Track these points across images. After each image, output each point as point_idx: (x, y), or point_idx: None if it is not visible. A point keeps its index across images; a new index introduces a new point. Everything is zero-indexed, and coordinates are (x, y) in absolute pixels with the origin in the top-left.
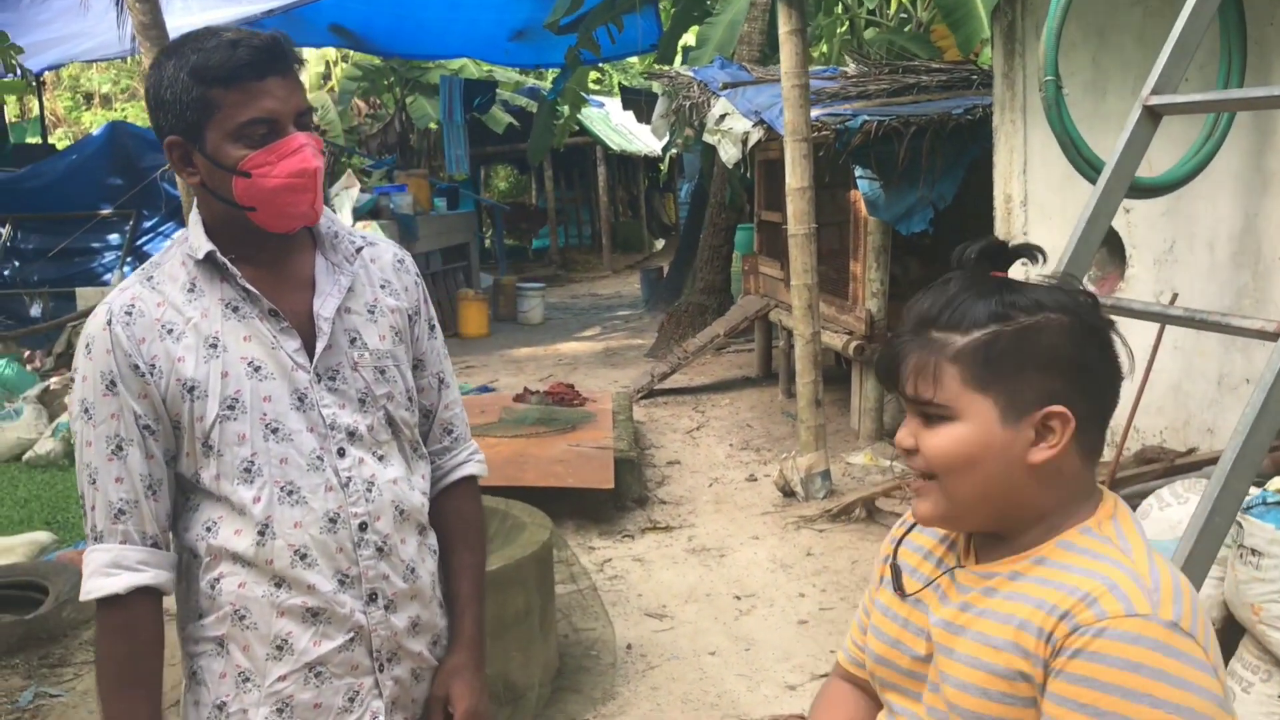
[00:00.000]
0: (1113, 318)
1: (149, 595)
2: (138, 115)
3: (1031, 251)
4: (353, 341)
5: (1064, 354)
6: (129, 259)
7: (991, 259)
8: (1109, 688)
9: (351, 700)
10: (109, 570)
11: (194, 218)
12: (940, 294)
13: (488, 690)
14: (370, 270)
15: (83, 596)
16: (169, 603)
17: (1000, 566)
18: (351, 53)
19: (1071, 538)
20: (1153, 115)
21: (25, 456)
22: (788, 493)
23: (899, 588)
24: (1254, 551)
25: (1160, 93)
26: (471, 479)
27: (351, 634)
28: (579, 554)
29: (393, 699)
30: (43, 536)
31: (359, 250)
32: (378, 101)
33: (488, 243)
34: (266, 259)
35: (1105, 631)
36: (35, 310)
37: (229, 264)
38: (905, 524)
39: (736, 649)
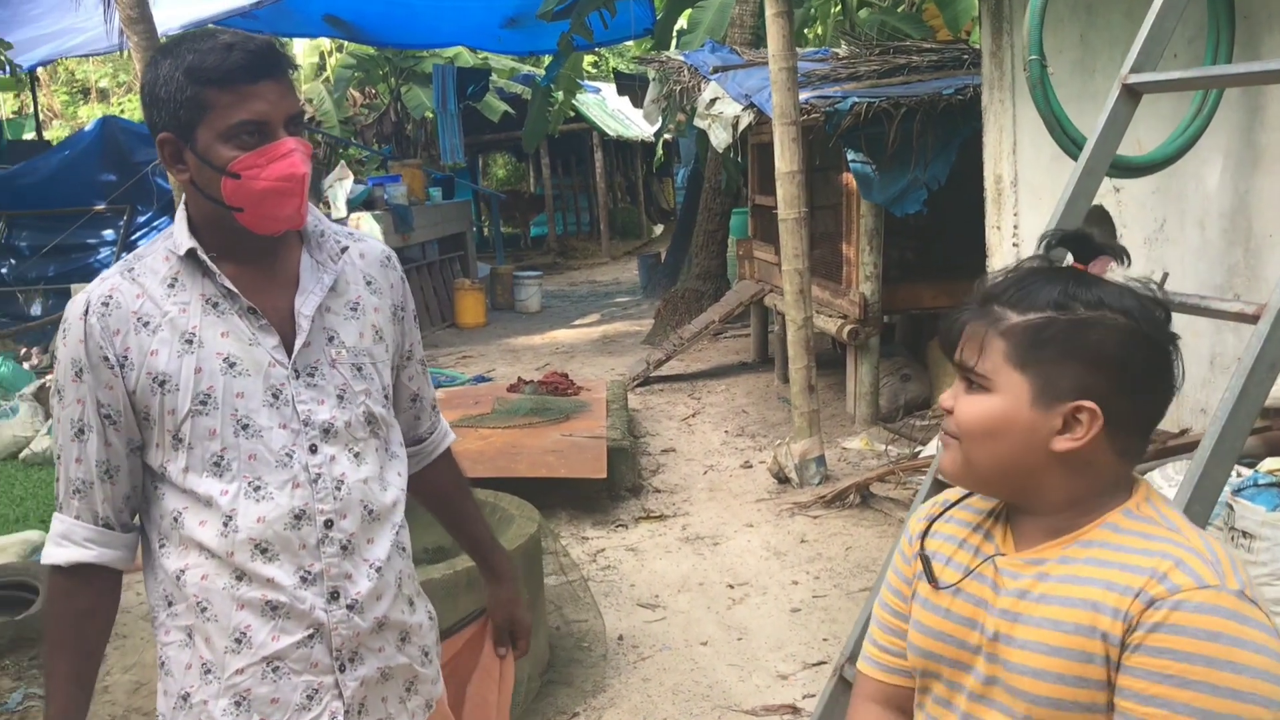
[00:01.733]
0: (1176, 335)
1: (90, 570)
2: (134, 110)
3: (1114, 251)
4: (330, 339)
5: (1110, 354)
6: (123, 254)
7: (1075, 250)
8: (1191, 657)
9: (310, 698)
10: (59, 541)
11: (180, 213)
12: (1014, 274)
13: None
14: (356, 268)
15: (42, 559)
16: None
17: (1047, 552)
18: (346, 43)
19: (1115, 519)
20: (1132, 94)
21: (21, 454)
22: (782, 479)
23: (931, 579)
24: (1245, 534)
25: (1140, 70)
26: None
27: (311, 630)
28: (572, 544)
29: (359, 701)
30: (35, 535)
31: (344, 249)
32: (373, 91)
33: (486, 231)
34: (251, 256)
35: (1181, 604)
36: (36, 309)
37: (209, 262)
38: (927, 516)
39: (729, 638)
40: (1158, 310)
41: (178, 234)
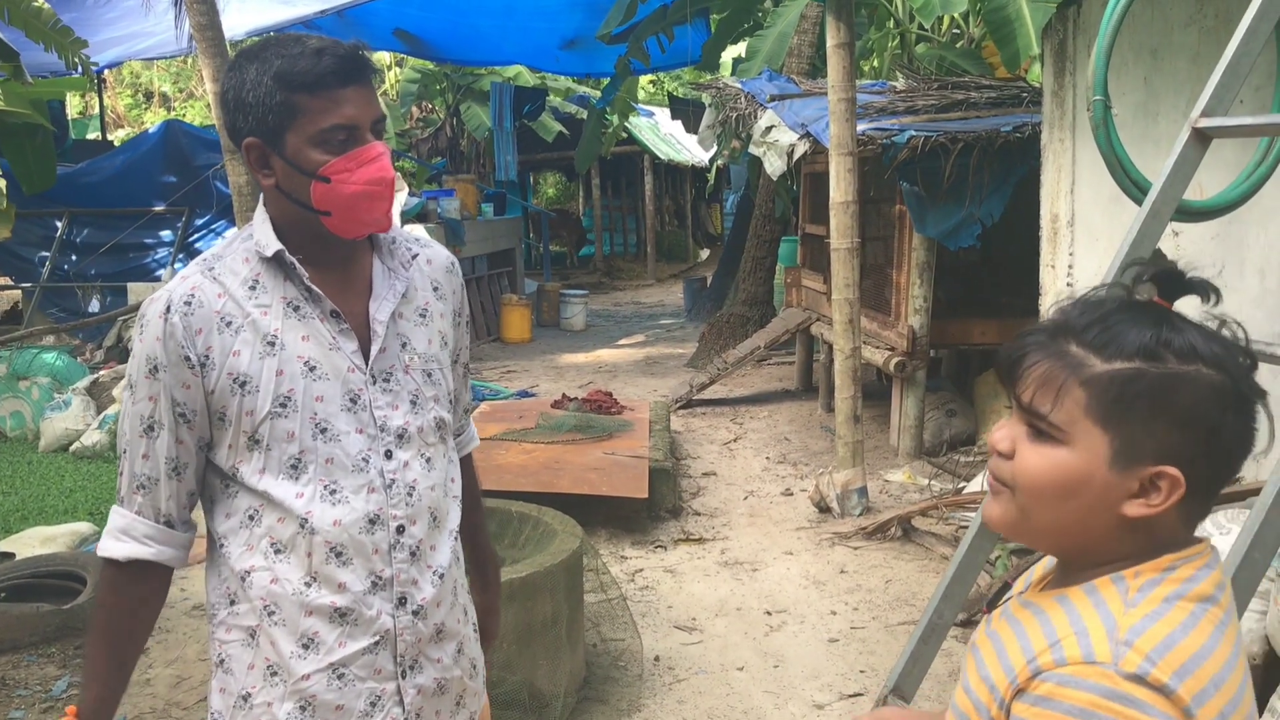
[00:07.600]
0: (1264, 391)
1: (146, 567)
2: (196, 115)
3: (1205, 289)
4: (403, 345)
5: (1202, 415)
6: (180, 255)
7: (1160, 286)
8: None
9: (373, 705)
10: (118, 535)
11: (261, 215)
12: (1092, 307)
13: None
14: (424, 274)
15: (98, 550)
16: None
17: (1034, 597)
18: (408, 58)
19: (1100, 584)
20: (1202, 138)
21: (72, 447)
22: (823, 508)
23: (990, 610)
24: None
25: (1211, 114)
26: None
27: (377, 638)
28: (611, 563)
29: (416, 710)
30: (84, 527)
31: (414, 256)
32: (429, 106)
33: (539, 249)
34: (328, 261)
35: (1063, 679)
36: (94, 305)
37: (297, 264)
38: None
39: (765, 665)
40: (1245, 360)
41: (262, 236)
